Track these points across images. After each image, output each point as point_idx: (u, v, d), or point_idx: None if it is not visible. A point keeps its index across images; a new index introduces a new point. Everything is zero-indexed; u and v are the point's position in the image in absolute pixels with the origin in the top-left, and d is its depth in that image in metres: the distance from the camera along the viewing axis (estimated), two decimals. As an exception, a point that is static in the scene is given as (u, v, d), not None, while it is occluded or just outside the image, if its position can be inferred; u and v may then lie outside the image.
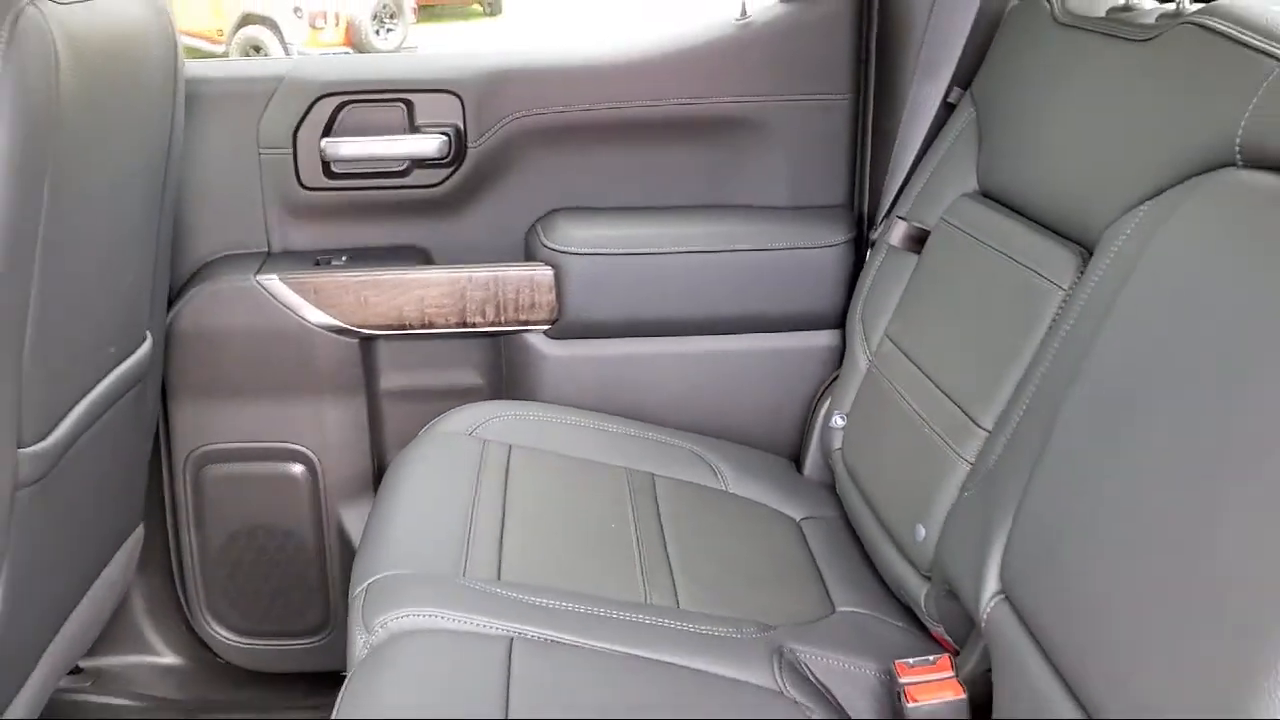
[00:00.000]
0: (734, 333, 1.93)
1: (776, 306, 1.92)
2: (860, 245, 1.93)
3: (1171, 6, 1.37)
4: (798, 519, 1.71)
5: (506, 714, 1.11)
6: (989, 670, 1.19)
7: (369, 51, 12.32)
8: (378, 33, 13.31)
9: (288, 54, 12.20)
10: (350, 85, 1.89)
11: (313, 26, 13.06)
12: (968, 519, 1.30)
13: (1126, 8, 1.49)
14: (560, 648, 1.24)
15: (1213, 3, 1.29)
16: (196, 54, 11.70)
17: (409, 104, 1.90)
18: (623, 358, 1.93)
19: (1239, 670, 0.80)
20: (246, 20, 13.05)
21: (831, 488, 1.79)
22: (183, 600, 2.01)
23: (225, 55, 12.29)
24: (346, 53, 12.50)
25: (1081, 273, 1.29)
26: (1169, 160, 1.19)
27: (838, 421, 1.76)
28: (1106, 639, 0.96)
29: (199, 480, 1.95)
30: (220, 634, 2.01)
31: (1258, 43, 1.13)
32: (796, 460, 1.93)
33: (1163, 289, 1.06)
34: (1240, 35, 1.16)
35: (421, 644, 1.22)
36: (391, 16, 13.76)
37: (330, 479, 1.96)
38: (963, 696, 1.24)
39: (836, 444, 1.75)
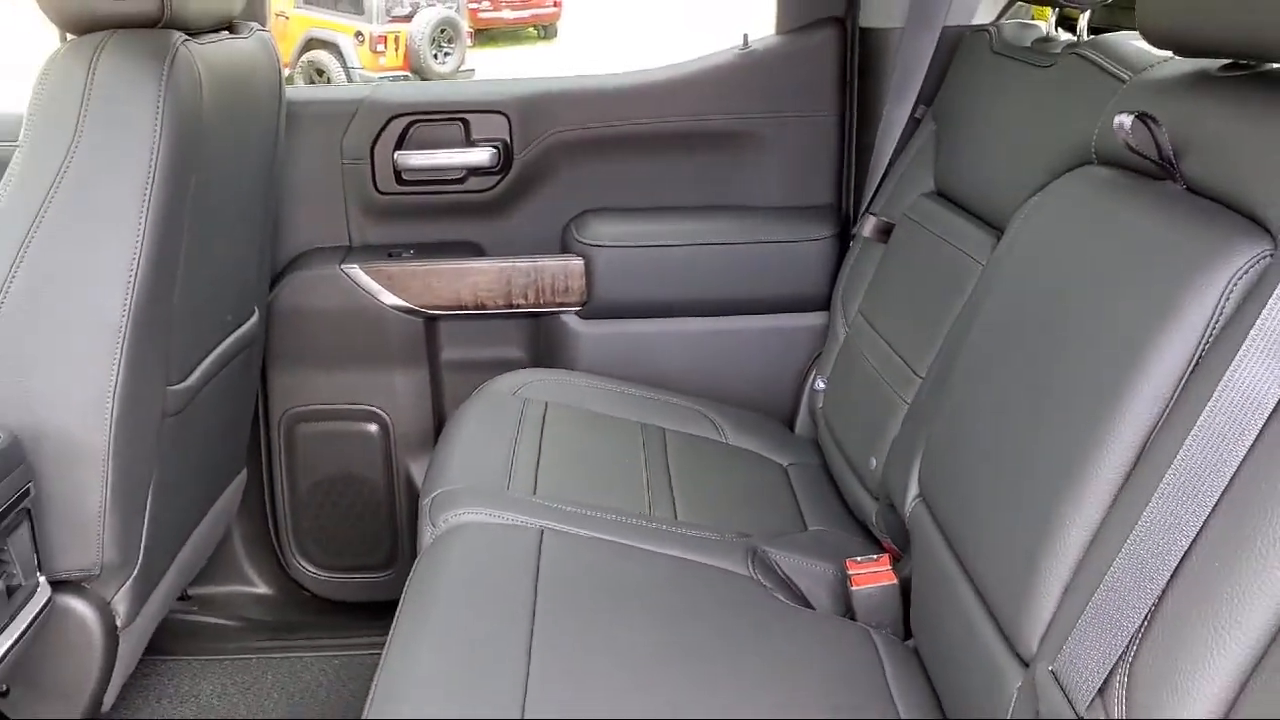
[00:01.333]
0: (737, 314, 2.28)
1: (773, 291, 2.27)
2: (844, 239, 2.27)
3: (1073, 38, 1.71)
4: (784, 464, 2.06)
5: (536, 582, 1.47)
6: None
7: (427, 74, 12.73)
8: (435, 56, 13.55)
9: (349, 76, 12.64)
10: (417, 107, 2.27)
11: (373, 51, 13.36)
12: (902, 446, 1.65)
13: (1046, 39, 1.84)
14: (578, 538, 1.60)
15: (1097, 38, 1.63)
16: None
17: (465, 122, 2.28)
18: (642, 334, 2.29)
19: (1037, 534, 1.14)
20: (310, 45, 13.46)
21: (816, 442, 2.14)
22: (274, 538, 2.39)
23: (289, 78, 12.79)
24: (405, 76, 12.90)
25: (993, 250, 1.63)
26: (1054, 160, 1.53)
27: (820, 385, 2.11)
28: (974, 516, 1.31)
29: (290, 436, 2.33)
30: (305, 568, 2.39)
31: (1111, 68, 1.47)
32: (790, 422, 2.27)
33: (1024, 257, 1.41)
34: (1102, 62, 1.51)
35: (474, 532, 1.58)
36: (450, 41, 13.97)
37: (399, 435, 2.33)
38: (894, 582, 1.58)
39: (820, 404, 2.10)
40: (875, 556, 1.64)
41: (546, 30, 16.88)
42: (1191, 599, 0.95)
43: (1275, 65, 1.18)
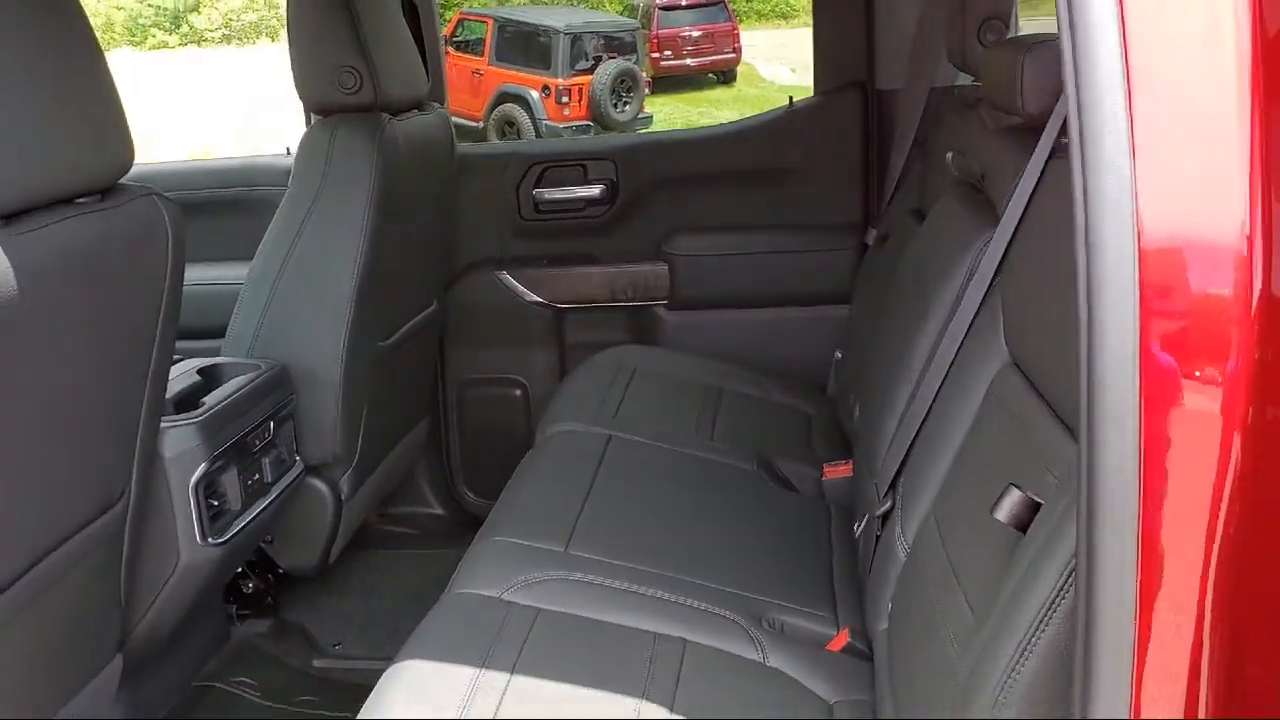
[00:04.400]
0: (783, 305, 3.04)
1: (810, 288, 3.01)
2: (863, 250, 3.00)
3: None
4: (810, 414, 2.78)
5: (599, 466, 2.25)
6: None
7: (606, 122, 13.62)
8: (615, 105, 14.30)
9: (536, 128, 13.70)
10: (550, 157, 3.13)
11: (558, 102, 14.32)
12: (853, 378, 2.37)
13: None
14: (633, 444, 2.38)
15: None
16: (462, 130, 13.41)
17: (584, 167, 3.12)
18: (713, 321, 3.07)
19: (886, 393, 1.88)
20: (502, 99, 14.55)
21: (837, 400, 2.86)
22: (447, 473, 3.26)
23: (483, 130, 13.97)
24: (587, 125, 13.84)
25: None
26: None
27: (838, 356, 2.84)
28: (872, 395, 2.04)
29: (460, 397, 3.21)
30: (467, 494, 3.25)
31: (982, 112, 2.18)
32: (823, 386, 3.00)
33: (910, 255, 2.14)
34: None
35: (563, 437, 2.39)
36: (629, 91, 14.73)
37: (535, 398, 3.17)
38: (850, 475, 2.30)
39: (835, 370, 2.83)
40: (843, 463, 2.37)
41: (726, 75, 17.46)
42: (931, 428, 1.68)
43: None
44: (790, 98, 3.08)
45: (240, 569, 2.58)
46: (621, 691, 1.57)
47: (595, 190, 3.10)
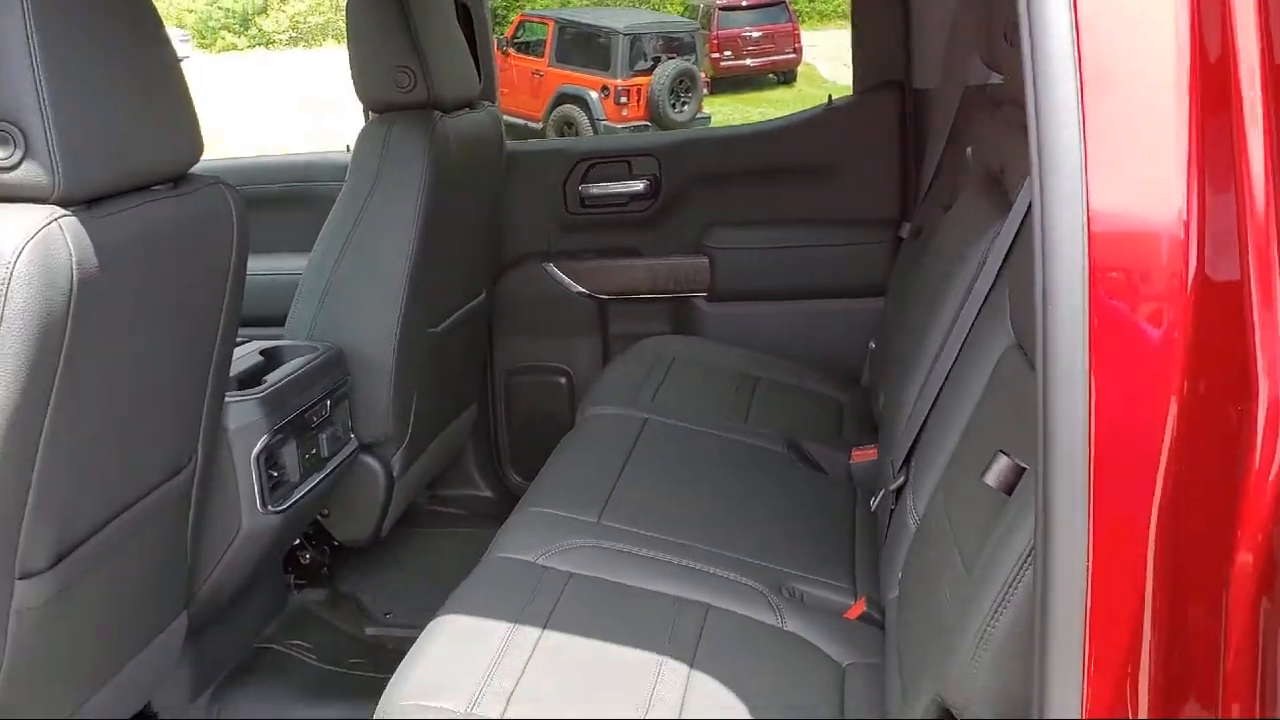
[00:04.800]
0: (820, 297, 3.13)
1: (847, 281, 3.10)
2: (898, 244, 3.08)
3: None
4: (842, 401, 2.87)
5: (634, 445, 2.37)
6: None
7: (664, 122, 13.71)
8: (673, 106, 14.37)
9: (595, 129, 13.85)
10: (595, 153, 3.25)
11: (616, 103, 14.42)
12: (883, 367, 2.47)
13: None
14: (667, 427, 2.49)
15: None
16: (522, 130, 13.60)
17: (629, 163, 3.24)
18: (752, 313, 3.17)
19: (905, 375, 1.97)
20: (561, 100, 14.71)
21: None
22: (495, 455, 3.40)
23: (543, 130, 14.14)
24: (645, 125, 13.94)
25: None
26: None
27: (872, 346, 2.93)
28: (891, 377, 2.13)
29: (508, 384, 3.34)
30: (514, 477, 3.38)
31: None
32: (858, 377, 3.09)
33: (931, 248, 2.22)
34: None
35: (602, 420, 2.51)
36: (687, 91, 14.82)
37: (579, 385, 3.29)
38: (875, 458, 2.39)
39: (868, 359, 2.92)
40: (872, 447, 2.46)
41: (786, 76, 17.46)
42: (943, 406, 1.77)
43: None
44: (830, 96, 3.17)
45: (298, 541, 2.73)
46: (645, 648, 1.68)
47: (639, 185, 3.21)
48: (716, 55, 16.43)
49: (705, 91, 15.15)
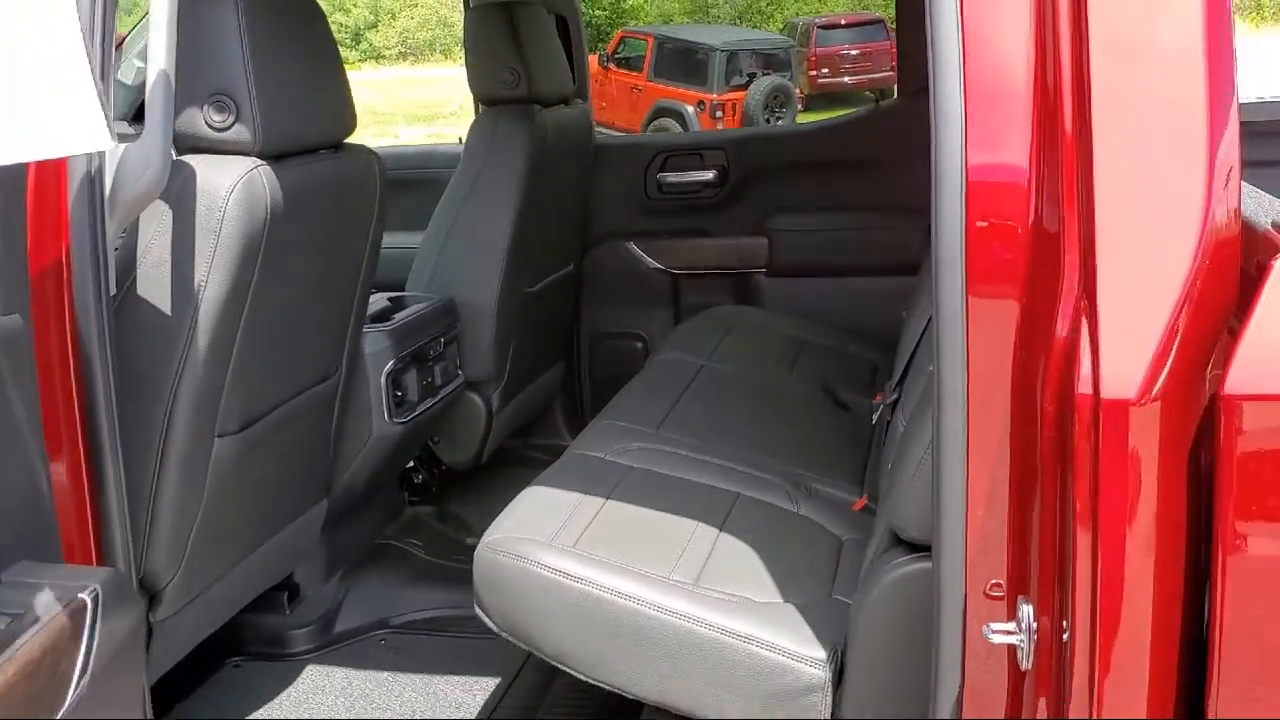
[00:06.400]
0: (865, 275, 3.58)
1: (889, 260, 3.54)
2: (935, 227, 3.51)
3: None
4: (877, 361, 3.31)
5: (690, 383, 2.85)
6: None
7: (756, 136, 14.14)
8: (767, 120, 14.75)
9: (689, 140, 14.36)
10: (672, 147, 3.75)
11: (712, 117, 14.87)
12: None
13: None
14: (718, 372, 2.96)
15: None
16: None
17: (701, 155, 3.73)
18: (805, 287, 3.63)
19: None
20: (658, 114, 15.22)
21: (904, 352, 3.38)
22: (580, 409, 3.90)
23: (640, 142, 14.69)
24: (738, 138, 14.31)
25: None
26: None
27: (903, 314, 3.37)
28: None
29: (592, 348, 3.85)
30: (597, 428, 3.88)
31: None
32: (894, 345, 3.52)
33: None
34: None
35: (671, 364, 2.99)
36: (781, 106, 15.20)
37: (653, 349, 3.78)
38: (894, 399, 2.83)
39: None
40: (891, 390, 2.90)
41: (883, 93, 17.77)
42: (926, 339, 2.22)
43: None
44: (876, 100, 3.62)
45: (412, 464, 3.27)
46: (684, 516, 2.16)
47: (709, 175, 3.70)
48: (814, 72, 16.71)
49: (799, 107, 15.44)
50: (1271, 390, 1.24)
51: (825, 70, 17.19)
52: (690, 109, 14.86)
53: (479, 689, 2.51)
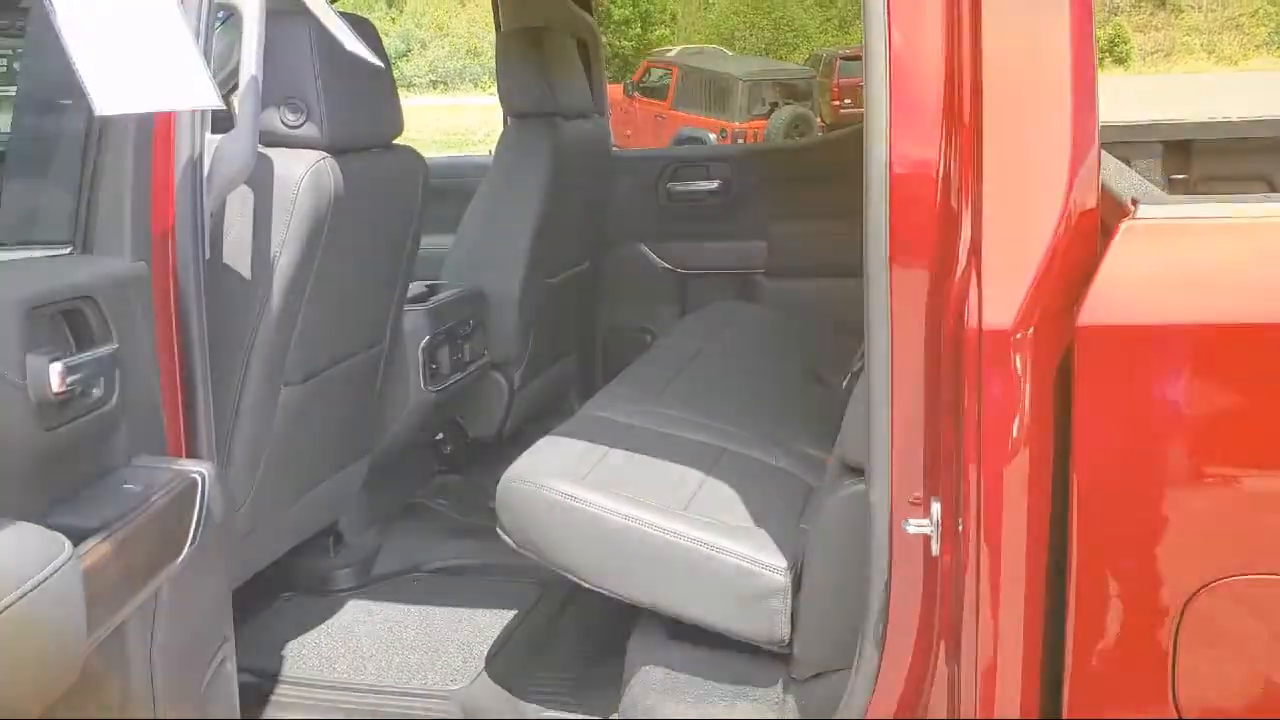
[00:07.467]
0: (854, 276, 3.93)
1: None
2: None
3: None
4: (858, 349, 3.68)
5: (701, 348, 3.23)
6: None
7: (776, 163, 14.56)
8: None
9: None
10: (681, 159, 4.16)
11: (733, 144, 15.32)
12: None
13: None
14: (719, 355, 3.34)
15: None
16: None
17: (707, 167, 4.13)
18: (800, 287, 4.01)
19: None
20: (681, 141, 15.55)
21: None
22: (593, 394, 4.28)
23: (663, 168, 15.10)
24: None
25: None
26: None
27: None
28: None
29: (606, 341, 4.24)
30: (609, 415, 4.27)
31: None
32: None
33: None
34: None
35: (672, 347, 3.37)
36: (801, 134, 15.47)
37: (662, 341, 4.16)
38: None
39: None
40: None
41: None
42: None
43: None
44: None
45: (441, 436, 3.66)
46: (677, 462, 2.53)
47: (714, 185, 4.10)
48: (837, 102, 17.14)
49: (819, 134, 15.88)
50: (1113, 321, 1.61)
51: (848, 100, 17.62)
52: (713, 136, 15.31)
53: (498, 620, 2.88)
